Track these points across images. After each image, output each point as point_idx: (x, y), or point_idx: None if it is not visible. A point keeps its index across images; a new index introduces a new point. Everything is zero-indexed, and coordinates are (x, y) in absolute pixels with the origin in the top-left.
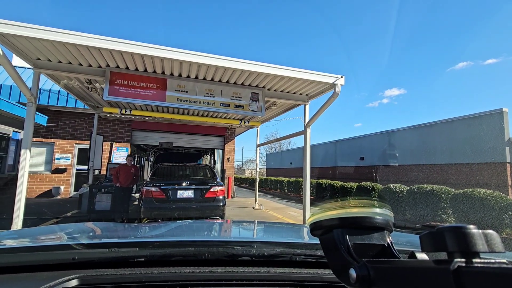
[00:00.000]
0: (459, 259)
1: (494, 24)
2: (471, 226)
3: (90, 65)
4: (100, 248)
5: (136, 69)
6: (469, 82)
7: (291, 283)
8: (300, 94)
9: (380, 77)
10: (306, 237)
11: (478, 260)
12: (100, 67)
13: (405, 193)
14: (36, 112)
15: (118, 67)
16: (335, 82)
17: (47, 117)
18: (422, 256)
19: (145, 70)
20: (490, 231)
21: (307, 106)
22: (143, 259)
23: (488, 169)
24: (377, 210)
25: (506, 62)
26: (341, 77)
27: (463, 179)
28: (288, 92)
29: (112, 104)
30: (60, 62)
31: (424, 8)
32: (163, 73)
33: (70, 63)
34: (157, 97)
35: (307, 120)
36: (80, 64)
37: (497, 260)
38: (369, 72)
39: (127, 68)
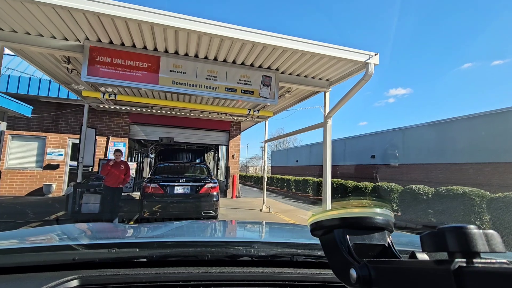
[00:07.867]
0: (459, 259)
1: (499, 26)
2: (472, 226)
3: (65, 38)
4: (101, 248)
5: (122, 44)
6: (475, 81)
7: (291, 283)
8: (320, 79)
9: (385, 77)
10: (307, 237)
11: (479, 260)
12: (78, 40)
13: (429, 196)
14: (18, 101)
15: (99, 40)
16: (368, 61)
17: (31, 107)
18: (422, 256)
19: (134, 46)
20: (491, 231)
21: (327, 94)
22: (143, 260)
23: None
24: (378, 210)
25: None
26: (375, 54)
27: (484, 180)
28: (305, 76)
29: (96, 87)
30: (28, 33)
31: (424, 12)
32: (155, 49)
33: (40, 35)
34: (148, 79)
35: (327, 110)
36: (54, 37)
37: (497, 260)
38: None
39: (110, 42)
